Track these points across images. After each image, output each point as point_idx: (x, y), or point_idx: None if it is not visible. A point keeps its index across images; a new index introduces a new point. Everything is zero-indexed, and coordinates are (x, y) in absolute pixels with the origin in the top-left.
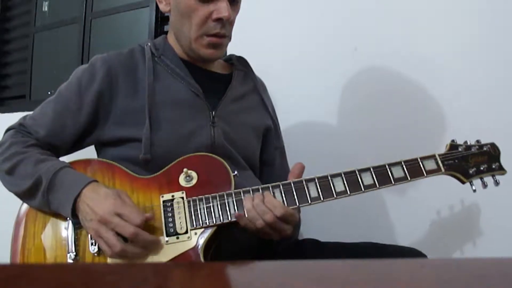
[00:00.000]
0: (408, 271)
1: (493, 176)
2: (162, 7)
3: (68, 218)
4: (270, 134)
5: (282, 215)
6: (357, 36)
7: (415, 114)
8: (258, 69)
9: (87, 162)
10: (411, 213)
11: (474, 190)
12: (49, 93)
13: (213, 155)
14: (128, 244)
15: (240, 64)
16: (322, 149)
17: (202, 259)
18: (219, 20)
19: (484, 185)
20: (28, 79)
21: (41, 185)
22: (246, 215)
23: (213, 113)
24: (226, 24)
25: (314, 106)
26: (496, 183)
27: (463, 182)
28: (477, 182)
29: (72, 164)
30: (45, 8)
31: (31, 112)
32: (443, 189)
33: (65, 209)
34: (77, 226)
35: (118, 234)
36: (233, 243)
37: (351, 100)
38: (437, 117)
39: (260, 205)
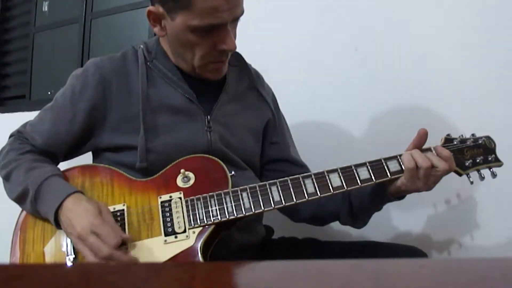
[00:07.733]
0: (408, 271)
1: (489, 168)
2: (157, 31)
3: None
4: (270, 129)
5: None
6: (357, 36)
7: (414, 113)
8: (257, 69)
9: (85, 167)
10: (411, 211)
11: (472, 182)
12: (49, 93)
13: (210, 156)
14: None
15: (234, 59)
16: (321, 148)
17: (201, 258)
18: (224, 50)
19: (482, 177)
20: (28, 79)
21: (29, 195)
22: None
23: (208, 117)
24: None
25: (314, 106)
26: (493, 175)
27: (460, 174)
28: (474, 175)
29: (69, 169)
30: (45, 8)
31: (32, 118)
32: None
33: (51, 220)
34: None
35: None
36: (232, 242)
37: (351, 100)
38: (437, 116)
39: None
